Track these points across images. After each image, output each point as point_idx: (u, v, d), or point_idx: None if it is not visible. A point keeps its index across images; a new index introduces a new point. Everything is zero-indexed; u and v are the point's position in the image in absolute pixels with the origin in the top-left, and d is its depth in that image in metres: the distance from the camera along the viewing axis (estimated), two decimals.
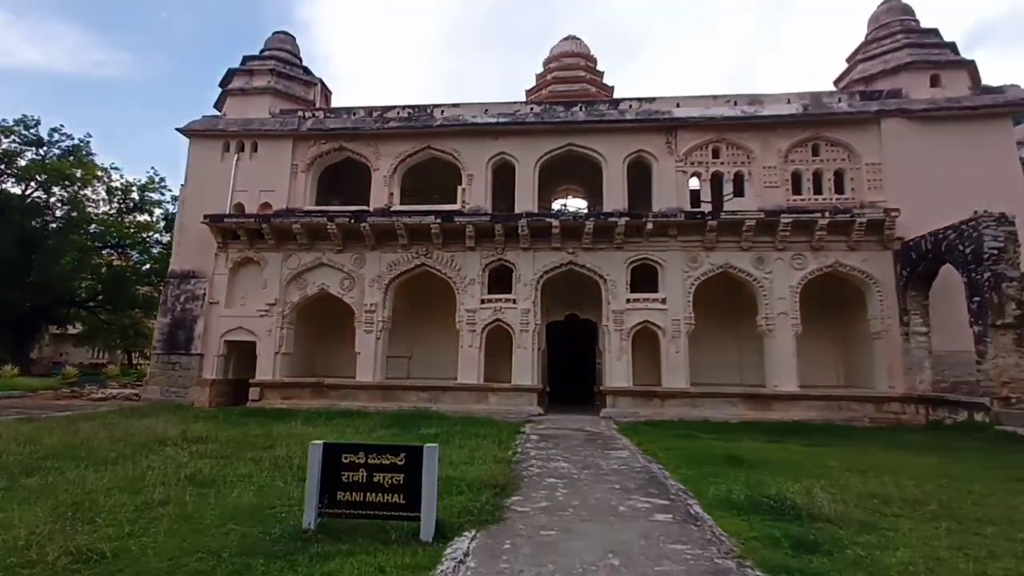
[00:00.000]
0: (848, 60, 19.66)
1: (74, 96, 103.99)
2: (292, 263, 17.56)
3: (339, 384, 16.77)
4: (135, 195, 35.43)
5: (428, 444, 4.47)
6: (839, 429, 13.28)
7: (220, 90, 19.87)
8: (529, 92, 23.16)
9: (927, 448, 10.42)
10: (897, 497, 5.90)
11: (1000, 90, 17.29)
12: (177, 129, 18.80)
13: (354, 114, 18.91)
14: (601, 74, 23.42)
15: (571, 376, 20.92)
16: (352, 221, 16.91)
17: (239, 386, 17.42)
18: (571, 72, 22.79)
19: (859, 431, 13.12)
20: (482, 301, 16.74)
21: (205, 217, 17.32)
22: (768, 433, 12.47)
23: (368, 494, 4.42)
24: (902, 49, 17.71)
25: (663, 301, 16.33)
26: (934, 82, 17.18)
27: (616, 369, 16.09)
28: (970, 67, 17.37)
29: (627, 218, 16.19)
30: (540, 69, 24.35)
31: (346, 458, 4.46)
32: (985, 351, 12.55)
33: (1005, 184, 15.53)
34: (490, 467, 7.24)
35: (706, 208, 16.92)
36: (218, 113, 19.78)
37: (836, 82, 19.91)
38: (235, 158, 18.57)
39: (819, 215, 15.74)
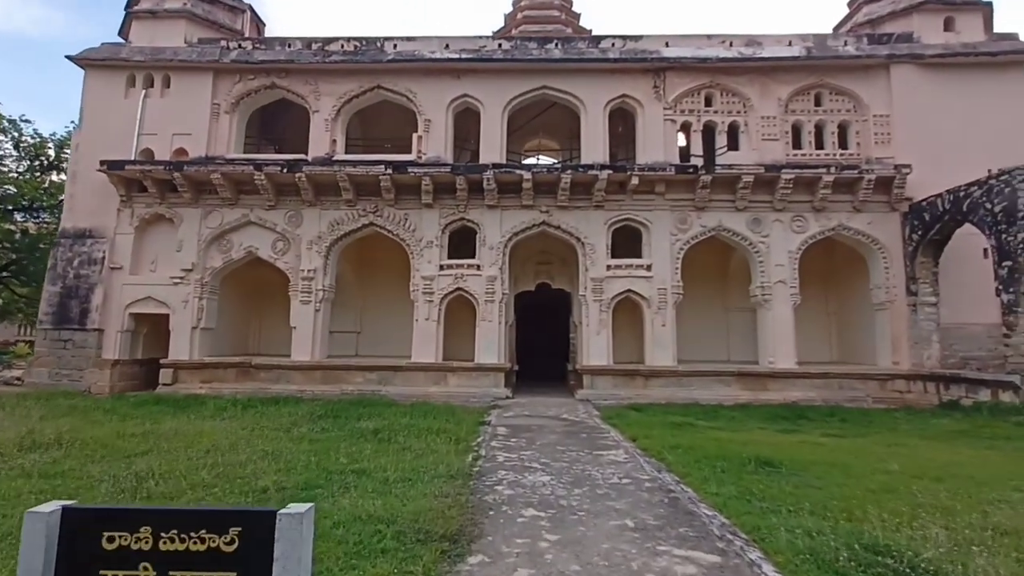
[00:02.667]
0: (850, 4, 17.67)
1: (8, 55, 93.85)
2: (213, 221, 14.72)
3: (270, 364, 14.21)
4: (51, 151, 31.14)
5: (289, 508, 2.12)
6: (851, 413, 11.62)
7: (125, 13, 16.42)
8: (496, 33, 20.40)
9: (968, 437, 8.75)
10: None
11: (1015, 36, 15.65)
12: (68, 57, 15.39)
13: (289, 45, 15.86)
14: (578, 16, 20.86)
15: (542, 353, 18.86)
16: (285, 171, 14.15)
17: (153, 368, 14.64)
18: (544, 11, 20.13)
19: (874, 415, 11.47)
20: (441, 267, 14.39)
21: (103, 164, 14.22)
22: (774, 419, 10.72)
23: None
24: None
25: (648, 268, 14.36)
26: (948, 25, 15.42)
27: (594, 345, 14.10)
28: (985, 10, 15.64)
29: (609, 171, 13.96)
30: (509, 9, 21.61)
31: (112, 540, 2.11)
32: (1015, 323, 11.10)
33: None
34: (439, 489, 4.98)
35: (697, 163, 14.84)
36: (122, 41, 16.40)
37: (836, 29, 17.95)
38: (142, 94, 15.33)
39: (824, 171, 13.92)
